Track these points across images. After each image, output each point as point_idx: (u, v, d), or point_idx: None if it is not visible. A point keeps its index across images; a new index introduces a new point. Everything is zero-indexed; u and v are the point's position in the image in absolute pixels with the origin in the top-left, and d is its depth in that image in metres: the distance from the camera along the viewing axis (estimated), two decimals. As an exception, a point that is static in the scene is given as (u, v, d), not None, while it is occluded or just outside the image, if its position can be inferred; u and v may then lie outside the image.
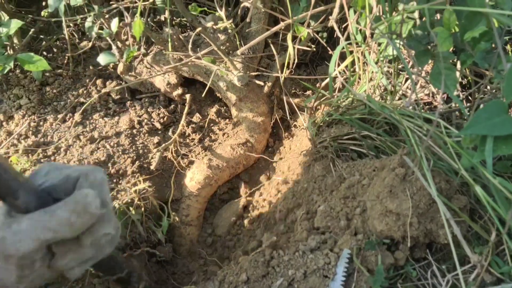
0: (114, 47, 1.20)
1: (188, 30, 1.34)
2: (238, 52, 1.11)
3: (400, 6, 0.78)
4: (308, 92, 1.29)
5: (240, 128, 1.22)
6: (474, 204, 0.79)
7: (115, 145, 1.13)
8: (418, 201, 0.75)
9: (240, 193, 1.21)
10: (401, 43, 0.81)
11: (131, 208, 0.99)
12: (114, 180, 1.05)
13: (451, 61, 0.82)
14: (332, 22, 0.91)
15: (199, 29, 0.91)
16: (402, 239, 0.77)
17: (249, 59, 1.20)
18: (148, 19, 1.30)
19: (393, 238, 0.78)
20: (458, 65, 0.84)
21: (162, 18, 1.34)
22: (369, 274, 0.74)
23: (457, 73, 0.82)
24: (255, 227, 1.09)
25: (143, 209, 1.01)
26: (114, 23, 1.10)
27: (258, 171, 1.24)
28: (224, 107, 1.32)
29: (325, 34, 1.18)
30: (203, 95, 1.17)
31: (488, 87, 0.83)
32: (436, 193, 0.72)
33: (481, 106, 0.83)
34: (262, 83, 1.20)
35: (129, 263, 0.81)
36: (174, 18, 1.33)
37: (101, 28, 1.18)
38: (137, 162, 1.10)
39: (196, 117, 1.29)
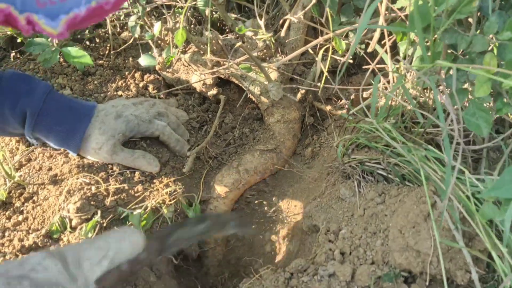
0: (155, 50, 1.22)
1: (227, 32, 1.35)
2: (275, 66, 1.13)
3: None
4: (342, 101, 1.29)
5: (271, 133, 1.25)
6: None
7: (150, 143, 1.18)
8: (440, 241, 0.77)
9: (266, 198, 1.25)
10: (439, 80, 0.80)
11: (163, 207, 1.04)
12: (148, 179, 1.10)
13: (487, 104, 0.82)
14: (372, 47, 0.91)
15: (238, 44, 0.93)
16: (420, 273, 0.80)
17: (284, 66, 1.21)
18: (189, 19, 1.31)
19: (411, 272, 0.81)
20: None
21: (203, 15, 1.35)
22: (384, 306, 0.78)
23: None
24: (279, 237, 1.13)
25: (173, 208, 1.06)
26: (157, 27, 1.12)
27: (284, 175, 1.27)
28: (257, 110, 1.34)
29: (363, 45, 1.18)
30: (239, 103, 1.20)
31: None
32: (461, 237, 0.75)
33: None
34: (293, 97, 1.21)
35: None
36: (215, 20, 1.34)
37: (142, 26, 1.21)
38: (170, 162, 1.15)
39: (229, 118, 1.32)
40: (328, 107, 1.28)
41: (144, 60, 1.18)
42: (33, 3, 0.45)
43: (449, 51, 0.84)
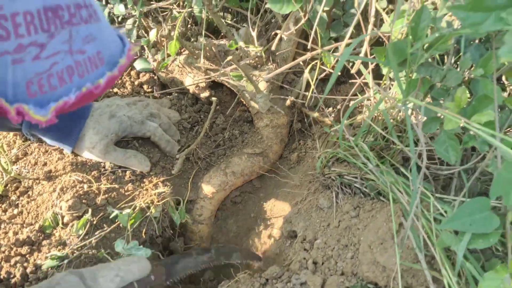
0: (150, 55, 1.26)
1: (222, 35, 1.38)
2: (265, 78, 1.17)
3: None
4: (329, 109, 1.34)
5: (259, 137, 1.30)
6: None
7: (142, 143, 1.23)
8: (404, 259, 0.83)
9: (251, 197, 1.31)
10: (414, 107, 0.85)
11: (151, 207, 1.10)
12: (138, 178, 1.16)
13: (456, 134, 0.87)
14: (355, 68, 0.95)
15: (229, 58, 0.97)
16: (385, 286, 0.87)
17: (275, 75, 1.25)
18: (186, 20, 1.34)
19: (377, 284, 0.87)
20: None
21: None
22: (350, 315, 0.84)
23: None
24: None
25: (161, 208, 1.12)
26: (153, 33, 1.16)
27: (270, 178, 1.33)
28: (247, 112, 1.39)
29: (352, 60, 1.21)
30: (231, 106, 1.24)
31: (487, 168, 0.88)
32: (424, 257, 0.80)
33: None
34: (280, 109, 1.25)
35: None
36: (211, 21, 1.38)
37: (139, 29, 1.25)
38: (160, 162, 1.20)
39: (220, 119, 1.36)
40: (316, 114, 1.33)
41: (139, 64, 1.22)
42: (24, 94, 0.47)
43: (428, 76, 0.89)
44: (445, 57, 0.87)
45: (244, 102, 1.33)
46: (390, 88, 0.96)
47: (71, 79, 0.50)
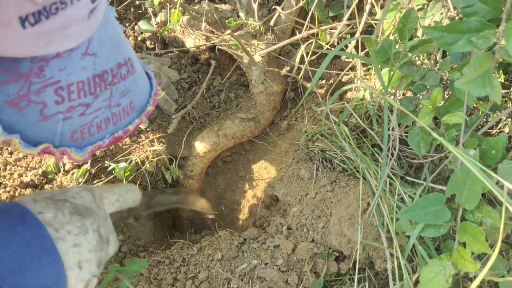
0: (153, 18, 1.29)
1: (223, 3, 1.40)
2: (261, 54, 1.21)
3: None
4: (323, 81, 1.39)
5: (253, 102, 1.36)
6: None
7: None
8: (368, 234, 0.93)
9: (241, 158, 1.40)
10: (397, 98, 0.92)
11: (146, 162, 1.18)
12: (135, 133, 1.23)
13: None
14: (349, 50, 1.00)
15: (228, 31, 1.02)
16: (349, 255, 0.98)
17: (272, 45, 1.29)
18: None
19: (342, 253, 0.98)
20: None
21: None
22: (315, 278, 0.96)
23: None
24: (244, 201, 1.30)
25: (155, 164, 1.21)
26: (157, -4, 1.19)
27: (260, 142, 1.41)
28: (244, 77, 1.44)
29: (349, 36, 1.26)
30: (229, 73, 1.30)
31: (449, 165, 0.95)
32: (385, 235, 0.91)
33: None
34: (273, 84, 1.31)
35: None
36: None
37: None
38: (157, 120, 1.27)
39: (217, 81, 1.42)
40: (309, 85, 1.38)
41: (142, 25, 1.26)
42: (68, 141, 0.56)
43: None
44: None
45: (242, 66, 1.38)
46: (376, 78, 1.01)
47: (107, 127, 0.59)
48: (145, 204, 1.00)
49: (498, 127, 1.10)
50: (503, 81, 1.03)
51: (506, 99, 1.01)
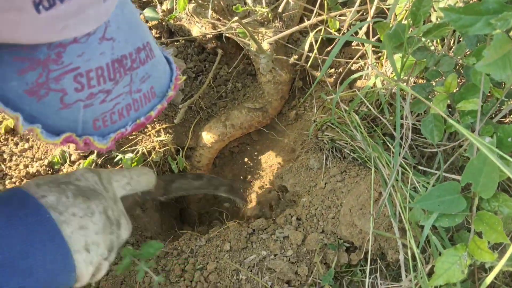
0: (159, 6, 1.27)
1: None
2: (269, 41, 1.19)
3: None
4: (332, 70, 1.36)
5: (260, 92, 1.34)
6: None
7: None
8: (380, 225, 0.92)
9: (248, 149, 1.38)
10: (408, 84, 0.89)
11: (152, 153, 1.17)
12: (142, 124, 1.22)
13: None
14: (360, 35, 0.98)
15: (235, 19, 0.99)
16: (360, 246, 0.96)
17: (280, 33, 1.27)
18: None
19: (353, 243, 0.96)
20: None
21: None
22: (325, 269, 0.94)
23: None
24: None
25: (162, 154, 1.19)
26: (163, -17, 1.17)
27: (267, 132, 1.39)
28: (251, 66, 1.42)
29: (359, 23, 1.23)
30: (236, 61, 1.27)
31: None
32: (397, 225, 0.89)
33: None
34: (281, 72, 1.28)
35: None
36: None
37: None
38: (163, 110, 1.26)
39: (224, 70, 1.40)
40: (318, 73, 1.36)
41: (148, 13, 1.24)
42: (91, 128, 0.55)
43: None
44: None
45: (249, 55, 1.36)
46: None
47: (129, 114, 0.58)
48: (162, 189, 0.96)
49: (511, 116, 1.08)
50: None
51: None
